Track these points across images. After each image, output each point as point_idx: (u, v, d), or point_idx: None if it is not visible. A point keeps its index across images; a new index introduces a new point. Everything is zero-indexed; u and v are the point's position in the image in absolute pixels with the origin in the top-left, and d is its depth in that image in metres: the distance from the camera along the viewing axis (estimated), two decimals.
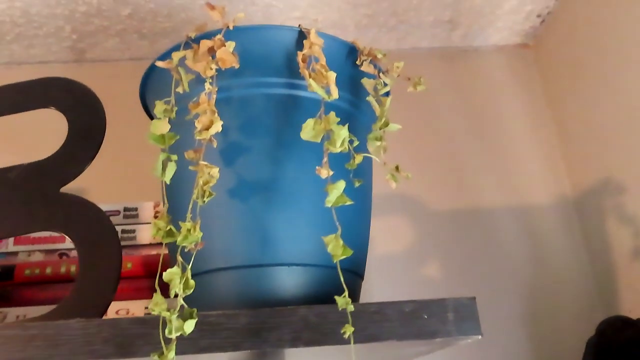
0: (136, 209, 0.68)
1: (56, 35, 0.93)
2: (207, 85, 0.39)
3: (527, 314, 0.84)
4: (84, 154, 0.49)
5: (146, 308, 0.61)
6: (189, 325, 0.31)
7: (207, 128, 0.36)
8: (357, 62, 0.45)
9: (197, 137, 0.36)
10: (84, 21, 0.90)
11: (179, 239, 0.33)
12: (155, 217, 0.68)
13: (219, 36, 0.41)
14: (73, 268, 0.62)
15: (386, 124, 0.41)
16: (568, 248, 0.88)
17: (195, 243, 0.33)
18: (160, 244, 0.66)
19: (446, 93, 1.00)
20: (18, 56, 0.98)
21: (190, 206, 0.34)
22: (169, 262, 0.45)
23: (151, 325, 0.35)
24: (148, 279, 0.62)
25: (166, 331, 0.31)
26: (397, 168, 0.40)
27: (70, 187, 0.51)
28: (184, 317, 0.31)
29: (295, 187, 0.42)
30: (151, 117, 0.56)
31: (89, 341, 0.35)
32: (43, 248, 0.65)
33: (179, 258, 0.33)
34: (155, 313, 0.32)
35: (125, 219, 0.66)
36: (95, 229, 0.46)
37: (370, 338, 0.35)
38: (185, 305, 0.32)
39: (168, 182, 0.36)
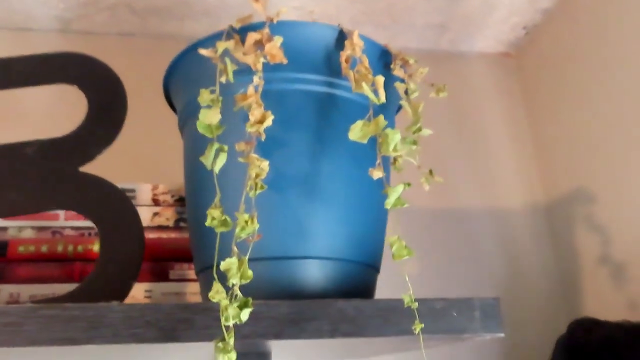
0: (134, 191, 0.67)
1: (42, 2, 0.89)
2: (255, 79, 0.39)
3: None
4: (104, 134, 0.48)
5: (146, 291, 0.60)
6: (245, 314, 0.32)
7: (260, 122, 0.37)
8: (392, 66, 0.47)
9: (249, 130, 0.37)
10: None
11: (238, 229, 0.33)
12: (154, 199, 0.67)
13: (266, 30, 0.41)
14: (70, 248, 0.61)
15: (420, 129, 0.42)
16: (538, 252, 0.93)
17: (252, 234, 0.34)
18: (158, 227, 0.66)
19: (431, 94, 1.03)
20: None
21: (243, 197, 0.35)
22: (208, 249, 0.45)
23: (193, 311, 0.36)
24: (148, 262, 0.62)
25: (223, 318, 0.32)
26: (430, 172, 0.42)
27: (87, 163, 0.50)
28: (240, 305, 0.32)
29: (329, 183, 0.43)
30: (171, 103, 0.55)
31: (131, 324, 0.35)
32: (35, 224, 0.63)
33: (235, 248, 0.34)
34: (215, 301, 0.32)
35: None
36: (116, 211, 0.46)
37: (404, 332, 0.37)
38: (241, 295, 0.33)
39: (217, 172, 0.37)
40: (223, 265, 0.32)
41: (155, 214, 0.67)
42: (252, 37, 0.41)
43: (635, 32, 0.77)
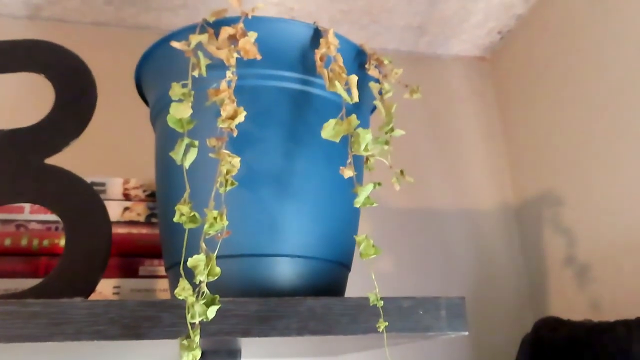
0: (104, 184, 0.65)
1: None
2: (228, 74, 0.39)
3: (468, 309, 0.90)
4: (72, 125, 0.47)
5: (114, 287, 0.59)
6: (212, 311, 0.32)
7: (232, 117, 0.36)
8: (366, 66, 0.47)
9: (220, 126, 0.37)
10: None
11: (206, 226, 0.33)
12: (124, 194, 0.66)
13: (240, 25, 0.41)
14: (35, 242, 0.59)
15: (392, 129, 0.43)
16: (507, 252, 0.95)
17: (221, 231, 0.33)
18: (129, 222, 0.65)
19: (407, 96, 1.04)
20: None
21: (213, 194, 0.35)
22: (176, 245, 0.44)
23: (160, 309, 0.35)
24: (116, 257, 0.61)
25: (189, 316, 0.31)
26: (402, 172, 0.42)
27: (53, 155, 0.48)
28: (207, 303, 0.32)
29: (302, 181, 0.43)
30: (142, 96, 0.54)
31: (94, 321, 0.34)
32: None
33: (203, 245, 0.33)
34: (181, 298, 0.32)
35: None
36: (83, 204, 0.45)
37: (371, 330, 0.38)
38: (208, 292, 0.32)
39: (187, 167, 0.36)
40: (190, 261, 0.32)
41: (126, 208, 0.66)
42: (226, 31, 0.40)
43: (605, 39, 0.78)
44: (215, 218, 0.33)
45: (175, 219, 0.34)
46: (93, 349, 0.37)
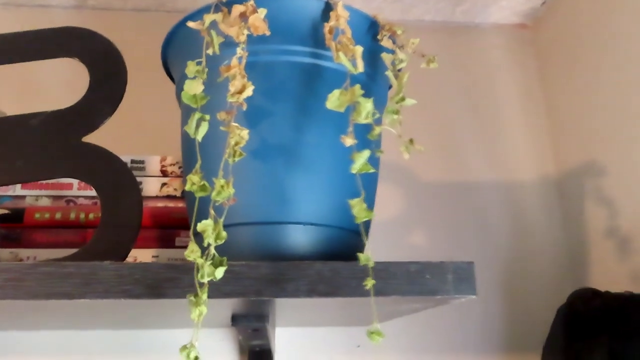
0: (143, 162, 0.70)
1: None
2: (239, 50, 0.41)
3: (505, 282, 0.89)
4: (106, 105, 0.51)
5: (153, 257, 0.64)
6: (220, 272, 0.34)
7: (240, 92, 0.38)
8: (379, 37, 0.47)
9: (229, 100, 0.39)
10: None
11: (214, 193, 0.35)
12: (162, 170, 0.70)
13: (251, 2, 0.42)
14: (82, 215, 0.64)
15: (403, 99, 0.43)
16: (546, 224, 0.93)
17: (228, 198, 0.36)
18: (167, 196, 0.69)
19: (444, 67, 1.02)
20: None
21: (222, 164, 0.37)
22: (198, 214, 0.47)
23: (180, 271, 0.38)
24: (155, 229, 0.65)
25: (199, 276, 0.34)
26: (411, 141, 0.43)
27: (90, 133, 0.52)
28: (215, 264, 0.34)
29: (313, 152, 0.45)
30: (168, 72, 0.57)
31: (121, 281, 0.38)
32: (50, 194, 0.67)
33: (212, 211, 0.36)
34: (190, 259, 0.35)
35: (132, 171, 0.68)
36: (117, 179, 0.49)
37: (378, 293, 0.39)
38: (216, 254, 0.35)
39: (199, 140, 0.38)
40: (199, 226, 0.35)
41: (164, 184, 0.70)
42: (237, 9, 0.42)
43: None
44: (222, 186, 0.35)
45: (186, 188, 0.36)
46: (123, 308, 0.41)
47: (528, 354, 0.85)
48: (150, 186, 0.69)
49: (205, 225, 0.35)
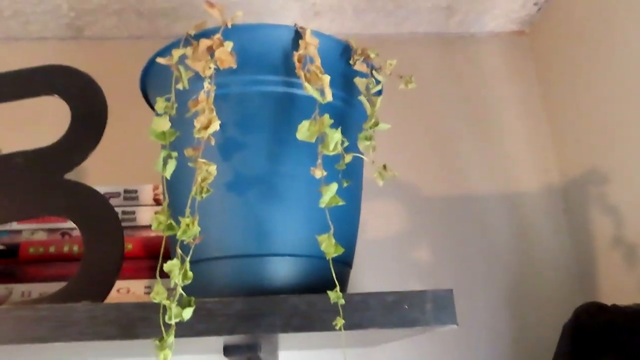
0: (136, 191, 0.70)
1: (53, 13, 0.94)
2: (205, 84, 0.40)
3: (510, 297, 0.87)
4: (87, 142, 0.51)
5: (146, 287, 0.64)
6: (187, 312, 0.34)
7: (206, 127, 0.38)
8: (351, 62, 0.47)
9: (196, 136, 0.38)
10: None
11: (179, 233, 0.35)
12: (155, 199, 0.70)
13: (217, 35, 0.42)
14: (76, 247, 0.65)
15: (376, 124, 0.43)
16: (553, 235, 0.91)
17: (193, 237, 0.36)
18: None
19: (442, 78, 1.01)
20: (15, 32, 0.98)
21: (189, 202, 0.37)
22: (169, 246, 0.47)
23: (152, 310, 0.38)
24: (148, 259, 0.65)
25: (166, 317, 0.34)
26: (384, 167, 0.42)
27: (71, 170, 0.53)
28: (182, 304, 0.34)
29: (289, 183, 0.44)
30: (151, 105, 0.57)
31: (94, 323, 0.37)
32: (46, 227, 0.68)
33: (178, 250, 0.35)
34: (156, 301, 0.34)
35: (125, 201, 0.68)
36: (98, 215, 0.49)
37: (355, 326, 0.38)
38: (184, 294, 0.35)
39: (168, 178, 0.38)
40: (166, 266, 0.34)
41: (157, 213, 0.70)
42: (204, 43, 0.42)
43: None
44: (187, 225, 0.35)
45: (153, 227, 0.36)
46: (100, 348, 0.41)
47: None
48: (143, 215, 0.69)
49: (172, 265, 0.34)
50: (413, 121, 0.97)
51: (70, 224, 0.68)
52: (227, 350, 0.55)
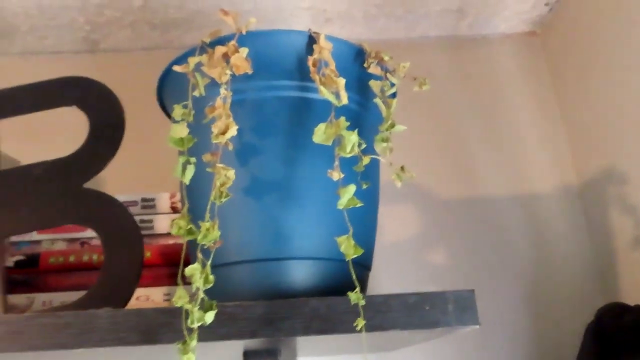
0: (153, 200, 0.71)
1: (69, 26, 0.95)
2: (222, 90, 0.41)
3: (529, 299, 0.86)
4: (105, 151, 0.52)
5: (165, 295, 0.64)
6: (209, 316, 0.34)
7: (224, 132, 0.38)
8: (365, 65, 0.47)
9: (214, 141, 0.39)
10: (96, 12, 0.93)
11: (199, 237, 0.35)
12: (172, 207, 0.71)
13: (232, 42, 0.43)
14: (95, 256, 0.65)
15: (392, 126, 0.43)
16: (571, 236, 0.90)
17: (214, 241, 0.36)
18: None
19: (455, 81, 1.01)
20: (33, 47, 1.00)
21: (209, 207, 0.37)
22: (188, 254, 0.48)
23: (173, 315, 0.38)
24: (166, 267, 0.65)
25: (188, 321, 0.34)
26: (402, 168, 0.42)
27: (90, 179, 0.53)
28: (204, 308, 0.34)
29: (307, 186, 0.44)
30: (168, 114, 0.58)
31: (116, 329, 0.38)
32: (65, 237, 0.69)
33: (199, 255, 0.36)
34: (178, 305, 0.34)
35: (143, 209, 0.69)
36: (118, 223, 0.49)
37: (376, 328, 0.38)
38: (206, 298, 0.35)
39: (187, 183, 0.39)
40: (187, 271, 0.35)
41: (176, 218, 0.70)
42: (219, 50, 0.42)
43: None
44: (207, 229, 0.35)
45: (173, 232, 0.36)
46: (121, 356, 0.41)
47: None
48: (161, 223, 0.69)
49: (193, 270, 0.34)
50: (427, 125, 0.97)
51: (89, 234, 0.69)
52: (247, 355, 0.55)
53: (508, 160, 0.95)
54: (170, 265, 0.66)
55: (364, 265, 0.48)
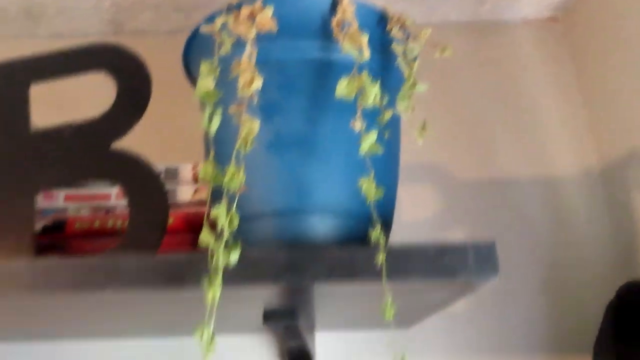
0: (177, 169, 0.72)
1: (96, 8, 0.98)
2: (248, 47, 0.42)
3: (549, 278, 0.86)
4: (132, 113, 0.53)
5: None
6: (234, 256, 0.35)
7: (249, 85, 0.39)
8: (388, 29, 0.48)
9: (240, 94, 0.40)
10: None
11: (226, 180, 0.37)
12: (194, 177, 0.72)
13: (258, 2, 0.44)
14: (119, 222, 0.67)
15: (414, 85, 0.43)
16: (592, 218, 0.89)
17: (239, 186, 0.37)
18: (200, 202, 0.71)
19: (475, 66, 1.01)
20: (61, 30, 1.03)
21: (234, 154, 0.38)
22: (214, 200, 0.49)
23: (199, 260, 0.39)
24: (188, 233, 0.67)
25: (213, 261, 0.35)
26: (423, 126, 0.43)
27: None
28: (229, 249, 0.35)
29: (328, 142, 0.45)
30: (192, 79, 0.60)
31: (142, 273, 0.39)
32: (91, 205, 0.71)
33: (225, 198, 0.37)
34: (204, 245, 0.36)
35: (166, 180, 0.70)
36: (142, 177, 0.51)
37: (395, 275, 0.39)
38: (231, 239, 0.36)
39: (213, 134, 0.40)
40: (213, 212, 0.36)
41: (196, 190, 0.72)
42: (245, 9, 0.44)
43: None
44: (233, 174, 0.36)
45: (200, 176, 0.38)
46: (147, 305, 0.42)
47: (577, 354, 0.81)
48: (184, 193, 0.71)
49: (219, 211, 0.36)
50: (448, 108, 0.97)
51: (114, 202, 0.71)
52: (267, 317, 0.56)
53: (529, 143, 0.95)
54: (193, 232, 0.67)
55: (383, 221, 0.49)
